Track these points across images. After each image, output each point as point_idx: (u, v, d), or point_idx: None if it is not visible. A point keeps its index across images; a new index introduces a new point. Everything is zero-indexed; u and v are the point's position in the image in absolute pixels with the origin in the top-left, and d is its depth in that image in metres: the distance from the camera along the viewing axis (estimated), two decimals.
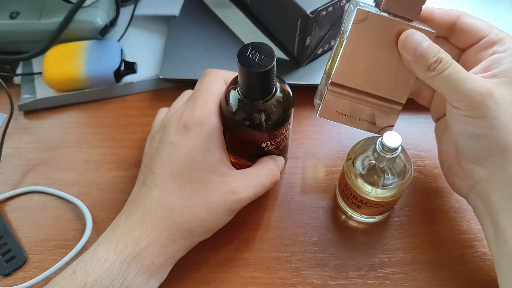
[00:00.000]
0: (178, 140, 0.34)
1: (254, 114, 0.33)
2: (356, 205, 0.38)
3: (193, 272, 0.38)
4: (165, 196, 0.33)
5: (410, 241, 0.39)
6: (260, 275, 0.38)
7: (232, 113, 0.33)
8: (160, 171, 0.34)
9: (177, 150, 0.34)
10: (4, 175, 0.44)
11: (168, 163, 0.34)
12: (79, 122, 0.48)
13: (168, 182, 0.33)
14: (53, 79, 0.47)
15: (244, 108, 0.33)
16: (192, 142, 0.34)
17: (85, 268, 0.31)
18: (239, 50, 0.30)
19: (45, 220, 0.41)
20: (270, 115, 0.33)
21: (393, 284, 0.37)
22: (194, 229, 0.33)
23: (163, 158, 0.34)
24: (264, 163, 0.37)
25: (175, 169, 0.33)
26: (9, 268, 0.38)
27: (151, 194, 0.33)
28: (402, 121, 0.46)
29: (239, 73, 0.31)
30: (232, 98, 0.33)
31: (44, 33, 0.47)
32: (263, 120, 0.33)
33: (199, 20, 0.52)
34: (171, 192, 0.33)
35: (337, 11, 0.43)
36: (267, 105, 0.33)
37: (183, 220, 0.33)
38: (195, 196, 0.33)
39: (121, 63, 0.48)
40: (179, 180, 0.33)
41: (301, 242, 0.39)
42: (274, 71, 0.31)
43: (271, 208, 0.41)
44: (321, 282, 0.37)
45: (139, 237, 0.32)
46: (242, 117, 0.33)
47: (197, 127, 0.34)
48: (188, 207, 0.33)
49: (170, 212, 0.33)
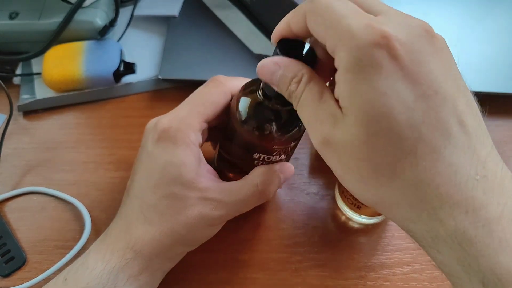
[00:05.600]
0: (153, 150, 0.32)
1: (271, 119, 0.30)
2: (356, 206, 0.38)
3: (193, 273, 0.38)
4: (143, 208, 0.32)
5: (410, 241, 0.39)
6: (260, 276, 0.38)
7: (242, 122, 0.31)
8: (139, 179, 0.33)
9: (152, 161, 0.32)
10: (3, 175, 0.44)
11: (145, 173, 0.33)
12: (78, 123, 0.47)
13: (146, 194, 0.32)
14: (53, 79, 0.46)
15: (259, 113, 0.30)
16: (166, 155, 0.32)
17: (75, 275, 0.31)
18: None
19: (44, 221, 0.41)
20: (288, 123, 0.31)
21: (393, 285, 0.37)
22: (174, 243, 0.32)
23: (141, 166, 0.33)
24: (253, 176, 0.34)
25: (151, 181, 0.32)
26: (9, 268, 0.38)
27: (132, 204, 0.33)
28: None
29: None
30: (242, 105, 0.31)
31: (44, 34, 0.47)
32: (280, 128, 0.31)
33: (198, 20, 0.52)
34: (148, 204, 0.32)
35: None
36: (285, 110, 0.30)
37: (163, 235, 0.32)
38: (172, 211, 0.32)
39: (121, 63, 0.48)
40: (155, 193, 0.32)
41: (301, 243, 0.39)
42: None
43: (271, 209, 0.41)
44: (321, 283, 0.37)
45: (124, 247, 0.31)
46: (257, 124, 0.30)
47: (171, 140, 0.32)
48: (166, 221, 0.32)
49: (149, 226, 0.32)
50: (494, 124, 0.46)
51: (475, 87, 0.46)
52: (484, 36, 0.50)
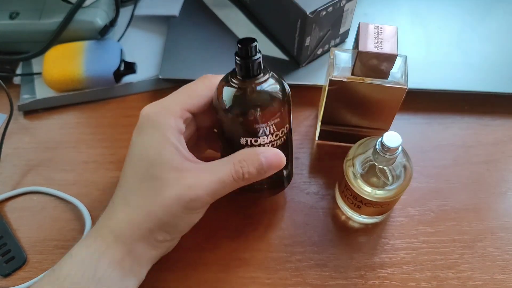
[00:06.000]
0: (135, 138, 0.34)
1: (241, 94, 0.32)
2: (356, 205, 0.38)
3: (192, 272, 0.38)
4: (125, 193, 0.33)
5: (410, 241, 0.39)
6: (260, 275, 0.38)
7: (225, 109, 0.33)
8: (124, 169, 0.34)
9: (135, 147, 0.34)
10: (4, 175, 0.44)
11: (129, 161, 0.34)
12: (78, 123, 0.47)
13: (128, 179, 0.33)
14: (53, 79, 0.47)
15: (231, 93, 0.32)
16: (146, 139, 0.33)
17: (60, 264, 0.31)
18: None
19: (45, 220, 0.41)
20: (259, 96, 0.32)
21: (393, 284, 0.37)
22: (153, 227, 0.32)
23: (127, 157, 0.34)
24: (232, 156, 0.33)
25: (133, 167, 0.33)
26: (9, 268, 0.38)
27: (117, 193, 0.34)
28: (402, 121, 0.46)
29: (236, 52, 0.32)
30: (219, 91, 0.33)
31: (44, 33, 0.47)
32: (252, 102, 0.32)
33: (199, 20, 0.52)
34: (130, 189, 0.33)
35: (337, 11, 0.43)
36: (257, 90, 0.32)
37: (141, 218, 0.32)
38: (151, 193, 0.32)
39: (121, 63, 0.48)
40: (136, 177, 0.33)
41: (301, 242, 0.39)
42: (257, 48, 0.31)
43: (271, 208, 0.41)
44: (321, 283, 0.37)
45: (106, 232, 0.32)
46: (232, 103, 0.32)
47: (151, 124, 0.33)
48: (145, 205, 0.32)
49: (129, 208, 0.32)
50: (494, 124, 0.46)
51: (475, 87, 0.46)
52: (485, 36, 0.50)
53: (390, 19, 0.52)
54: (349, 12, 0.45)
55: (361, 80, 0.36)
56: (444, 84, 0.46)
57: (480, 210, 0.41)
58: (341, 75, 0.37)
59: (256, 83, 0.32)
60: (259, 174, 0.33)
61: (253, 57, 0.31)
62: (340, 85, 0.37)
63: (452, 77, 0.47)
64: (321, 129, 0.43)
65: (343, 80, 0.37)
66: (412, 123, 0.46)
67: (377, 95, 0.38)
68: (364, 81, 0.36)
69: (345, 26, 0.47)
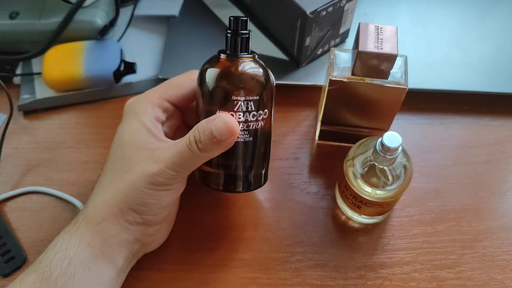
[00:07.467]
0: (119, 127, 0.36)
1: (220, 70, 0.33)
2: (356, 205, 0.38)
3: (192, 272, 0.38)
4: (102, 176, 0.35)
5: (410, 241, 0.39)
6: (260, 276, 0.38)
7: (205, 79, 0.33)
8: (108, 156, 0.36)
9: (116, 135, 0.36)
10: (4, 175, 0.44)
11: (111, 149, 0.36)
12: (78, 123, 0.47)
13: (107, 164, 0.35)
14: (53, 79, 0.46)
15: (216, 64, 0.33)
16: (125, 126, 0.35)
17: (43, 253, 0.33)
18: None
19: (45, 220, 0.41)
20: (241, 73, 0.33)
21: (393, 284, 0.37)
22: (121, 205, 0.32)
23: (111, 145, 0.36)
24: (191, 129, 0.32)
25: (111, 153, 0.35)
26: (9, 268, 0.38)
27: (99, 178, 0.35)
28: (402, 121, 0.46)
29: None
30: (201, 71, 0.34)
31: (44, 33, 0.47)
32: (231, 76, 0.33)
33: (198, 20, 0.52)
34: (106, 171, 0.35)
35: (337, 11, 0.43)
36: (241, 66, 0.33)
37: (109, 195, 0.33)
38: (121, 171, 0.33)
39: (121, 63, 0.48)
40: (112, 159, 0.35)
41: (301, 242, 0.39)
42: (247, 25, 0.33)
43: (271, 208, 0.41)
44: (321, 283, 0.37)
45: (80, 217, 0.33)
46: (213, 71, 0.33)
47: (130, 111, 0.36)
48: (114, 181, 0.33)
49: (101, 188, 0.34)
50: (494, 124, 0.46)
51: (475, 87, 0.46)
52: (484, 36, 0.50)
53: (390, 19, 0.52)
54: (349, 12, 0.45)
55: (361, 80, 0.36)
56: (444, 84, 0.46)
57: (480, 210, 0.41)
58: (341, 75, 0.37)
59: (241, 60, 0.33)
60: (211, 142, 0.30)
61: (241, 31, 0.33)
62: (340, 85, 0.37)
63: (452, 77, 0.47)
64: (321, 129, 0.43)
65: (343, 80, 0.37)
66: (412, 123, 0.46)
67: (377, 95, 0.38)
68: (364, 81, 0.37)
69: (345, 26, 0.47)
